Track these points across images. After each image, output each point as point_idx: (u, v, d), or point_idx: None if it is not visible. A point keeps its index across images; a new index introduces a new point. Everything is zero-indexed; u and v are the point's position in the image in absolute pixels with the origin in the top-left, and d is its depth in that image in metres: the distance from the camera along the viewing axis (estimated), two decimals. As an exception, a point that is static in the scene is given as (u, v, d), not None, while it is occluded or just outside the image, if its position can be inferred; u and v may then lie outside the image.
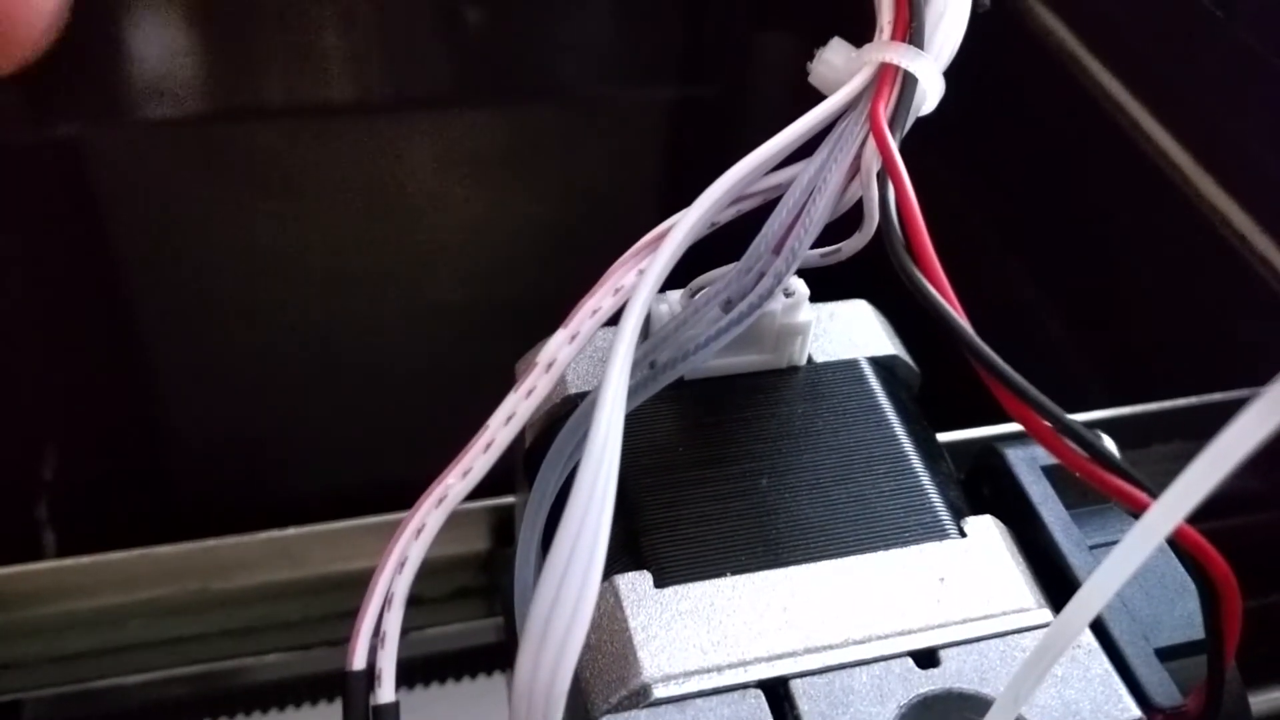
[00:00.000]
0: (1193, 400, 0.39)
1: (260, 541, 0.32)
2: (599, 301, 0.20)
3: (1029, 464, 0.25)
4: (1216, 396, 0.39)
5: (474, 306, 0.66)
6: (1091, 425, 0.38)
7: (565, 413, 0.24)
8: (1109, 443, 0.26)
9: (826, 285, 0.26)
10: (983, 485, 0.25)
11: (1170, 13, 0.47)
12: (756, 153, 0.21)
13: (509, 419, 0.20)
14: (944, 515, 0.23)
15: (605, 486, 0.19)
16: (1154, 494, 0.19)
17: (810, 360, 0.26)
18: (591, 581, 0.18)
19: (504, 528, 0.33)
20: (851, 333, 0.27)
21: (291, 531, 0.32)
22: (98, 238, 0.59)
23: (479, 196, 0.63)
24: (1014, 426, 0.36)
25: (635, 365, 0.23)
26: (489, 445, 0.19)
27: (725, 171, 0.21)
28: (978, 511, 0.24)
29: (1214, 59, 0.46)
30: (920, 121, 0.26)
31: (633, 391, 0.22)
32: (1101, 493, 0.19)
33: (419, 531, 0.18)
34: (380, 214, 0.62)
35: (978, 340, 0.19)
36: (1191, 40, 0.47)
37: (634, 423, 0.23)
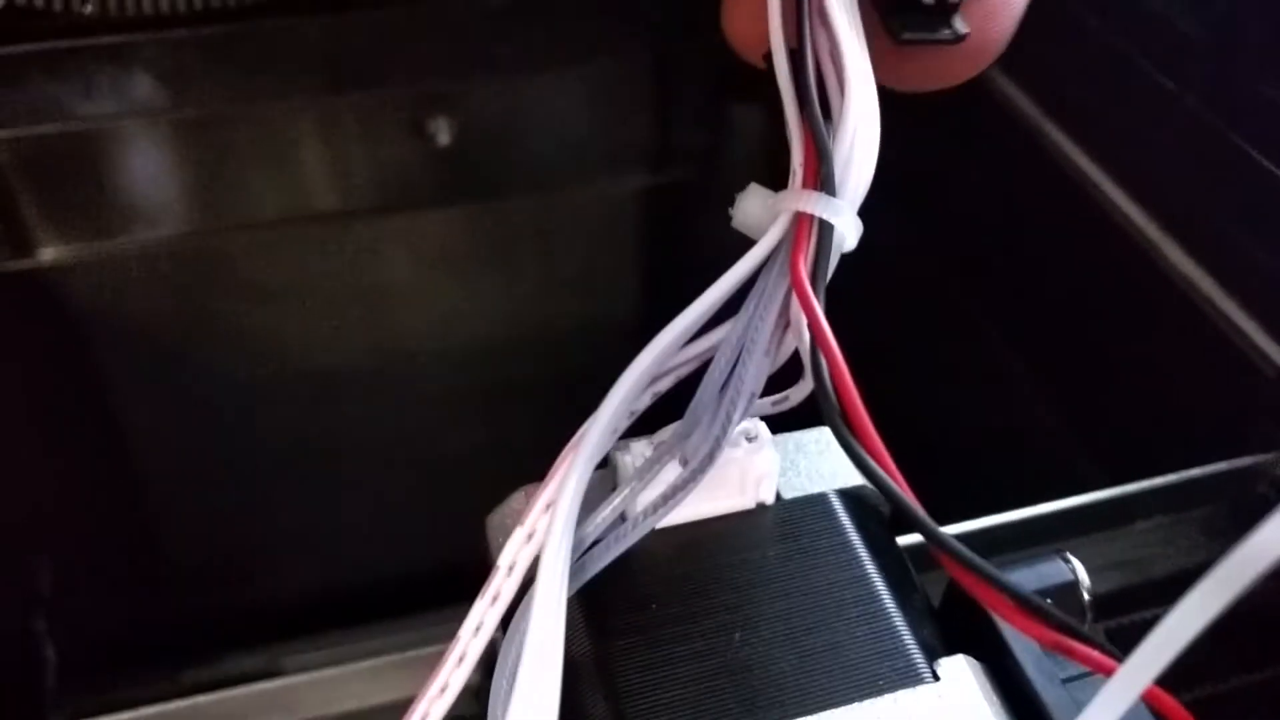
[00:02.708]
0: (1171, 478, 0.39)
1: (252, 694, 0.32)
2: (551, 495, 0.21)
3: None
4: (1195, 472, 0.40)
5: (457, 396, 0.67)
6: (1074, 510, 0.39)
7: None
8: (1077, 566, 0.26)
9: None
10: (956, 615, 0.25)
11: (1127, 84, 0.48)
12: (671, 327, 0.21)
13: (478, 629, 0.20)
14: (917, 658, 0.23)
15: (547, 696, 0.19)
16: (1119, 658, 0.19)
17: (779, 497, 0.26)
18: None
19: (493, 659, 0.33)
20: (818, 464, 0.27)
21: (279, 683, 0.33)
22: (85, 359, 0.60)
23: (458, 290, 0.64)
24: (985, 522, 0.37)
25: (604, 519, 0.23)
26: (462, 658, 0.20)
27: (637, 356, 0.21)
28: (952, 646, 0.24)
29: (1170, 127, 0.47)
30: (896, 196, 0.26)
31: (606, 548, 0.23)
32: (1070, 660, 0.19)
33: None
34: (362, 313, 0.63)
35: (920, 514, 0.19)
36: (1149, 112, 0.47)
37: (606, 579, 0.23)
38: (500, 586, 0.20)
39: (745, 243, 0.25)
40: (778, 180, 0.25)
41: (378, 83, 0.54)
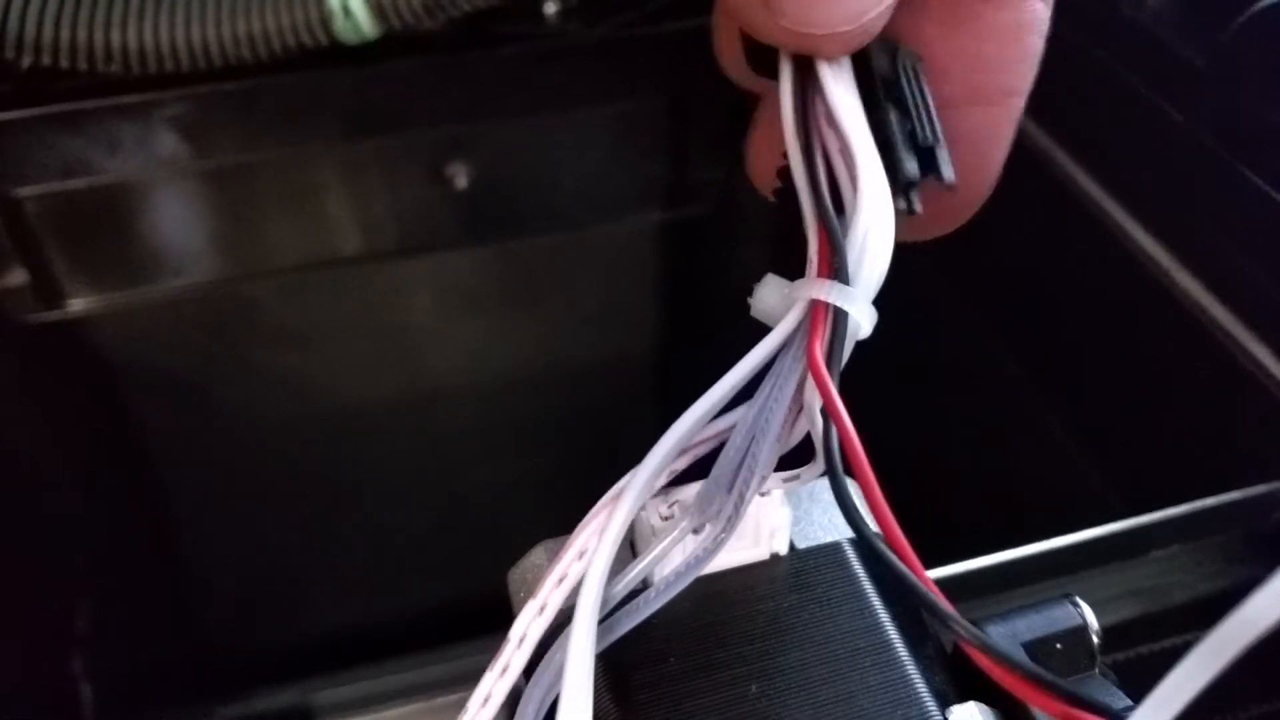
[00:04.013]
0: (1186, 507, 0.40)
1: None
2: (565, 568, 0.21)
3: (1011, 641, 0.25)
4: (1210, 501, 0.40)
5: (482, 432, 0.68)
6: (1091, 542, 0.39)
7: (551, 629, 0.25)
8: (1086, 611, 0.26)
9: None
10: (969, 662, 0.26)
11: (1139, 118, 0.49)
12: (699, 403, 0.22)
13: (486, 700, 0.20)
14: (930, 706, 0.24)
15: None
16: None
17: (792, 547, 0.27)
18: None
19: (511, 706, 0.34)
20: (831, 513, 0.28)
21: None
22: (115, 405, 0.61)
23: (481, 329, 0.65)
24: (1003, 556, 0.37)
25: (624, 585, 0.24)
26: (470, 729, 0.20)
27: (671, 425, 0.22)
28: (964, 693, 0.24)
29: (1179, 155, 0.47)
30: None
31: (613, 625, 0.23)
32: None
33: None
34: (387, 354, 0.64)
35: (936, 599, 0.20)
36: (1157, 140, 0.48)
37: (625, 636, 0.24)
38: (510, 659, 0.21)
39: (761, 273, 0.26)
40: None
41: (397, 129, 0.55)
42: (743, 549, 0.26)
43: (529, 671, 0.25)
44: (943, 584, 0.37)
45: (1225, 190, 0.45)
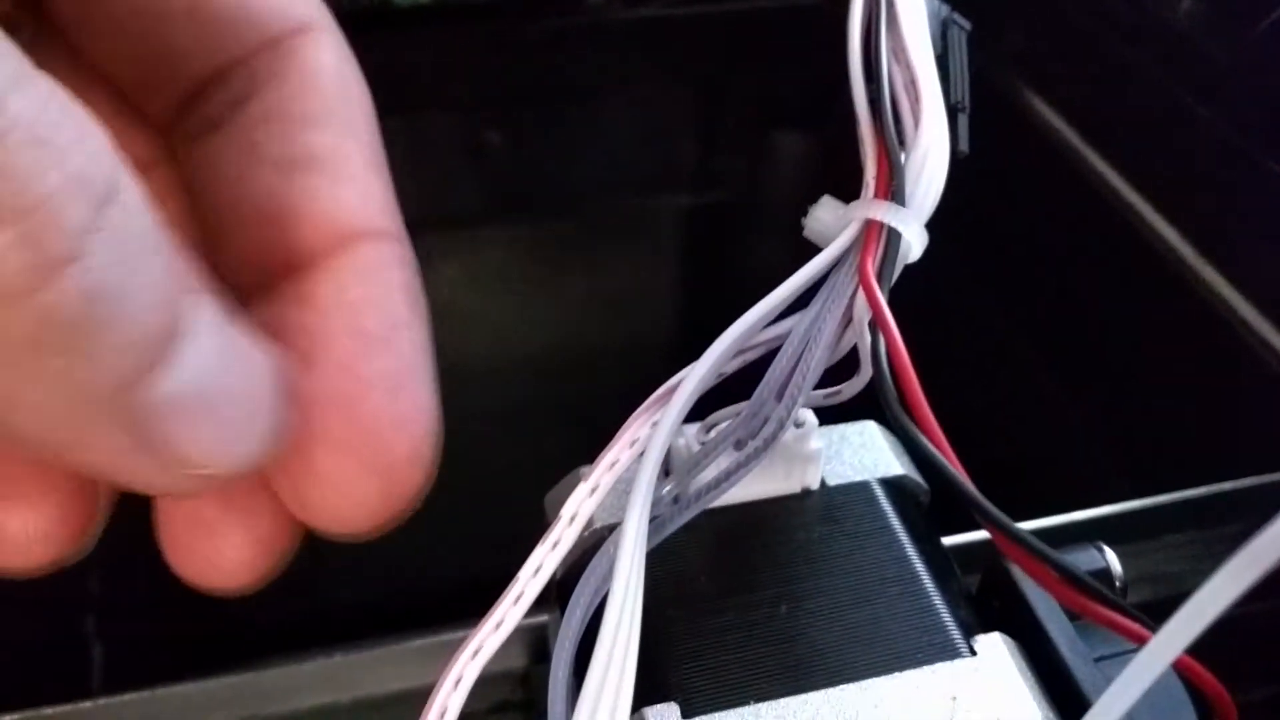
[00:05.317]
0: (1200, 491, 0.40)
1: (307, 670, 0.33)
2: (617, 454, 0.22)
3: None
4: (1225, 486, 0.40)
5: (502, 410, 0.68)
6: (1103, 521, 0.40)
7: (592, 544, 0.26)
8: (1110, 556, 0.27)
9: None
10: (993, 599, 0.26)
11: (1163, 109, 0.49)
12: (756, 308, 0.23)
13: (537, 571, 0.21)
14: (955, 634, 0.24)
15: (630, 628, 0.20)
16: (1152, 628, 0.20)
17: (823, 483, 0.27)
18: (620, 717, 0.19)
19: (539, 644, 0.34)
20: (861, 455, 0.28)
21: (338, 658, 0.34)
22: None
23: (504, 306, 0.65)
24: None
25: (659, 501, 0.25)
26: (519, 598, 0.21)
27: (729, 326, 0.23)
28: (988, 627, 0.25)
29: (1203, 151, 0.48)
30: (936, 216, 0.28)
31: (658, 527, 0.24)
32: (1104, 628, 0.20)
33: (457, 683, 0.20)
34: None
35: (972, 489, 0.20)
36: (1183, 136, 0.49)
37: (657, 555, 0.24)
38: (561, 534, 0.21)
39: (783, 263, 0.27)
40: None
41: (432, 101, 0.56)
42: (775, 481, 0.27)
43: (562, 595, 0.26)
44: (960, 550, 0.37)
45: (1250, 186, 0.45)
